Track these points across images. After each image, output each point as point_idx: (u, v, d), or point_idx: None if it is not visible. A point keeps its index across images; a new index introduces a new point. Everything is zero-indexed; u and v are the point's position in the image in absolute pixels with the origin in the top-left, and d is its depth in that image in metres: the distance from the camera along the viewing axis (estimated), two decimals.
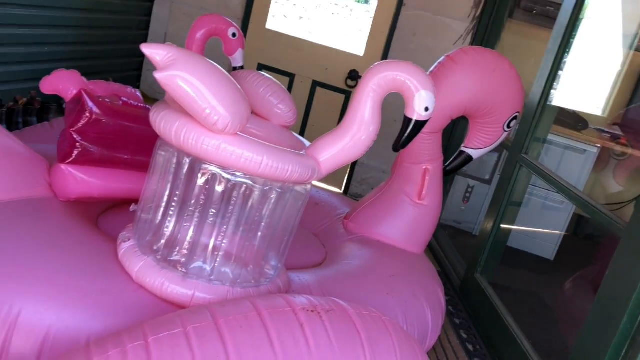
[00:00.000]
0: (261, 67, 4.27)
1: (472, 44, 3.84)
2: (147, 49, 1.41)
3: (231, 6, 4.19)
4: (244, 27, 4.18)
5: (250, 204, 1.62)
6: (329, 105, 4.26)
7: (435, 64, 2.35)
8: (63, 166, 1.87)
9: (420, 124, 1.73)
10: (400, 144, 1.78)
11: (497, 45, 3.70)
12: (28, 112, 3.01)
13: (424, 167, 2.37)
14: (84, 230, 1.81)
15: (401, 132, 1.77)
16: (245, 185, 1.59)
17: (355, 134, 1.68)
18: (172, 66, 1.41)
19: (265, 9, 4.20)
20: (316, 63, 4.21)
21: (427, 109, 1.69)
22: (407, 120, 1.73)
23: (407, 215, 2.39)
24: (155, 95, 4.36)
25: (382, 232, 2.38)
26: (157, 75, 1.41)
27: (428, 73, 1.81)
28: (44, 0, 3.20)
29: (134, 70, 4.42)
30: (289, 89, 4.25)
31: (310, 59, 4.22)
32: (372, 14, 4.15)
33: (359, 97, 1.69)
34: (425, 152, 2.35)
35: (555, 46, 2.66)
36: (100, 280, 1.61)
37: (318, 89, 4.26)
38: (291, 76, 4.27)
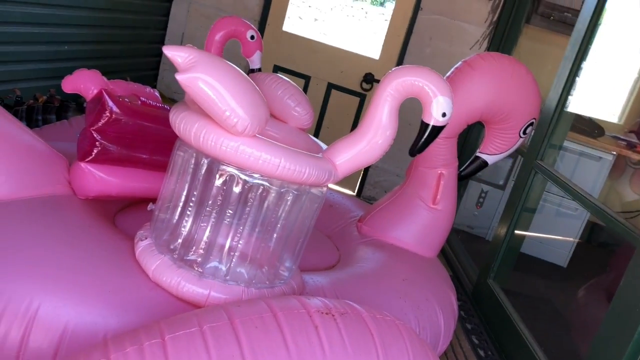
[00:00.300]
0: (277, 68, 4.29)
1: (488, 49, 3.83)
2: (168, 51, 1.43)
3: (249, 7, 4.21)
4: (261, 28, 4.21)
5: (266, 205, 1.64)
6: (344, 107, 4.27)
7: (452, 69, 2.35)
8: (82, 164, 1.89)
9: (437, 130, 1.73)
10: (417, 148, 1.79)
11: (513, 51, 3.69)
12: (47, 110, 3.05)
13: (439, 171, 2.37)
14: (101, 228, 1.83)
15: (418, 137, 1.77)
16: (262, 187, 1.60)
17: (372, 138, 1.69)
18: (193, 68, 1.42)
19: (283, 11, 4.22)
20: (332, 65, 4.22)
21: (444, 115, 1.70)
22: (424, 126, 1.73)
23: (421, 220, 2.39)
24: (172, 95, 4.40)
25: (395, 236, 2.38)
26: (179, 77, 1.42)
27: (445, 78, 1.82)
28: (64, 0, 3.24)
29: (151, 69, 4.45)
30: (305, 90, 4.26)
31: (326, 62, 4.23)
32: (387, 16, 4.15)
33: (376, 101, 1.70)
34: (441, 157, 2.35)
35: (573, 53, 2.65)
36: (118, 278, 1.63)
37: (333, 91, 4.27)
38: (307, 78, 4.28)
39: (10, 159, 1.80)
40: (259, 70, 2.79)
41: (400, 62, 4.05)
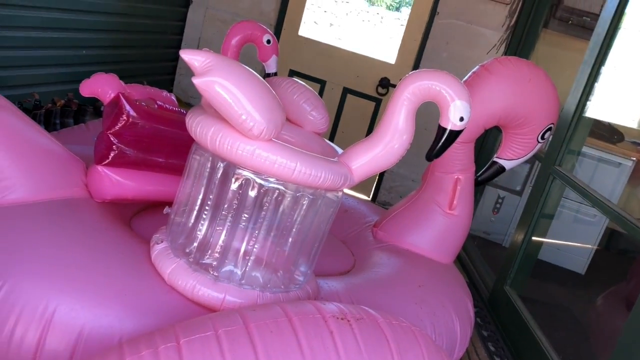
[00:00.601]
0: (292, 73, 4.30)
1: (505, 53, 3.81)
2: (186, 55, 1.43)
3: (265, 12, 4.23)
4: (277, 33, 4.22)
5: (282, 209, 1.63)
6: (359, 112, 4.26)
7: (470, 73, 2.34)
8: (99, 167, 1.91)
9: (454, 134, 1.72)
10: (434, 153, 1.77)
11: (531, 55, 3.66)
12: (65, 113, 3.08)
13: (456, 176, 2.35)
14: (118, 231, 1.84)
15: (435, 142, 1.76)
16: (277, 191, 1.60)
17: (389, 143, 1.67)
18: (210, 72, 1.43)
19: (298, 16, 4.23)
20: (347, 70, 4.22)
21: (462, 119, 1.68)
22: (442, 130, 1.72)
23: (437, 225, 2.37)
24: (188, 100, 4.42)
25: (411, 241, 2.37)
26: (196, 80, 1.43)
27: (462, 82, 1.80)
28: (83, 5, 3.27)
29: (168, 74, 4.48)
30: (320, 95, 4.26)
31: (341, 66, 4.23)
32: (403, 21, 4.15)
33: (393, 106, 1.69)
34: (458, 162, 2.33)
35: (592, 57, 2.61)
36: (133, 281, 1.63)
37: (348, 95, 4.27)
38: (322, 83, 4.28)
39: (29, 162, 1.81)
40: (275, 74, 2.79)
41: (416, 66, 4.04)
